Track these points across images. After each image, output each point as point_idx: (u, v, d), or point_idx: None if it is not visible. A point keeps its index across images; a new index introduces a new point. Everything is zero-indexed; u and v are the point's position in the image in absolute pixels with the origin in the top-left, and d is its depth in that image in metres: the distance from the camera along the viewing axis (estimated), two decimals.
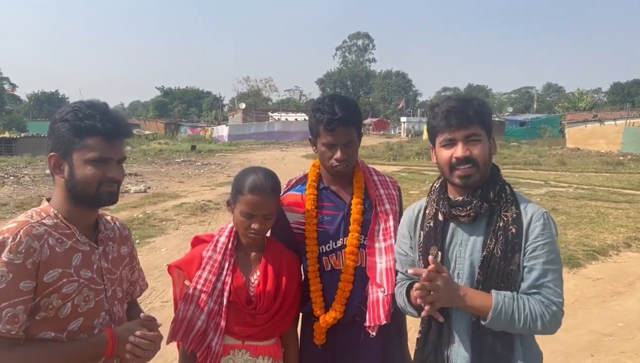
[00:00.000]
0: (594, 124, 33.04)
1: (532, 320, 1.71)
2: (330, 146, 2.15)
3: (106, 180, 1.65)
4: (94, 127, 1.62)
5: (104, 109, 1.67)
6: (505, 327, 1.73)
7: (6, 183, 15.53)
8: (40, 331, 1.57)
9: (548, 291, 1.74)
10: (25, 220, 1.60)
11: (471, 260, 1.83)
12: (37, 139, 30.02)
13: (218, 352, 2.02)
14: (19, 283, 1.50)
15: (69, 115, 1.63)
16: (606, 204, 11.99)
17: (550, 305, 1.73)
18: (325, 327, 2.18)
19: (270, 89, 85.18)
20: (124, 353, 1.67)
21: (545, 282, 1.74)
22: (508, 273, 1.77)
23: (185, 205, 11.37)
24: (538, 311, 1.72)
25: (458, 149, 1.79)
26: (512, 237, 1.77)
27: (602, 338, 4.93)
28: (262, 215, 2.03)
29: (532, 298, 1.74)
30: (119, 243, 1.87)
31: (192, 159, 24.76)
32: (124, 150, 1.74)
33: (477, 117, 1.80)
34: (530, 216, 1.80)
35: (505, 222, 1.79)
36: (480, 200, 1.81)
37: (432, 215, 1.94)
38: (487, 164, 1.84)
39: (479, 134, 1.81)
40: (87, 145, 1.62)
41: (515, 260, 1.77)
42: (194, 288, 2.06)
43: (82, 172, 1.62)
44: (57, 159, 1.65)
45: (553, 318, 1.73)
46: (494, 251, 1.77)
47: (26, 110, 73.71)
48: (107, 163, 1.66)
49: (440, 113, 1.83)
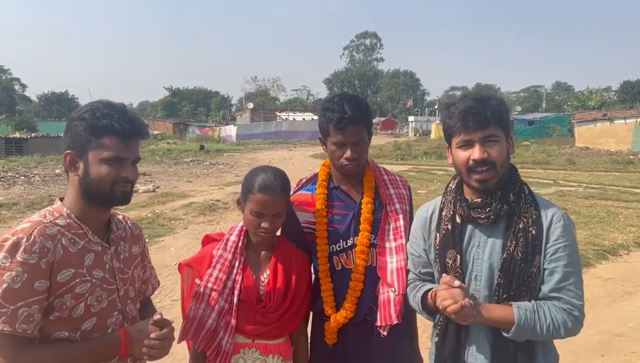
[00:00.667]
0: (603, 122, 32.77)
1: (555, 329, 1.71)
2: (340, 145, 2.15)
3: (120, 180, 1.66)
4: (111, 126, 1.63)
5: (121, 109, 1.69)
6: (528, 337, 1.73)
7: (17, 183, 15.67)
8: (54, 331, 1.59)
9: (570, 294, 1.73)
10: (38, 220, 1.60)
11: (490, 262, 1.80)
12: (47, 139, 30.28)
13: (228, 351, 2.03)
14: (33, 283, 1.51)
15: (87, 114, 1.64)
16: (616, 203, 11.91)
17: (572, 310, 1.72)
18: (336, 326, 2.18)
19: (278, 89, 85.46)
20: (137, 353, 1.68)
21: (567, 285, 1.73)
22: (529, 276, 1.74)
23: (193, 205, 11.42)
24: (560, 319, 1.71)
25: (475, 151, 1.75)
26: (533, 238, 1.75)
27: (612, 339, 4.90)
28: (272, 214, 2.03)
29: (552, 306, 1.72)
30: (130, 242, 1.88)
31: (201, 159, 24.86)
32: (139, 150, 1.75)
33: (495, 118, 1.75)
34: (550, 218, 1.77)
35: (525, 223, 1.76)
36: (500, 203, 1.78)
37: (449, 218, 1.90)
38: (505, 165, 1.80)
39: (497, 134, 1.76)
40: (103, 145, 1.63)
41: (536, 262, 1.74)
42: (204, 286, 2.07)
43: (96, 171, 1.64)
44: (72, 156, 1.66)
45: (576, 323, 1.73)
46: (514, 253, 1.75)
47: (36, 110, 74.26)
48: (122, 163, 1.67)
49: (456, 113, 1.78)
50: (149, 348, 1.64)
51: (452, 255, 1.84)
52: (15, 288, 1.48)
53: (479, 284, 1.82)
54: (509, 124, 1.85)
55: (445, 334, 1.90)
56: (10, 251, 1.50)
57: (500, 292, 1.76)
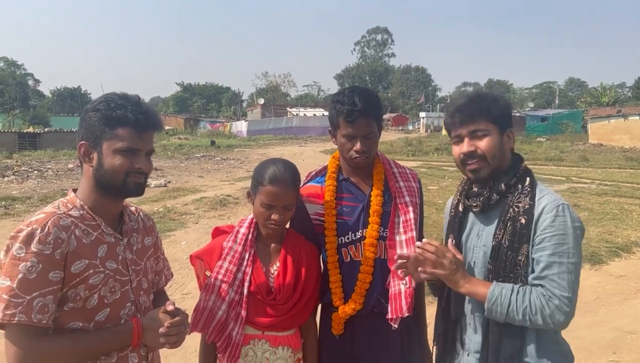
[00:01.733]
0: (617, 119, 32.39)
1: (532, 314, 1.70)
2: (350, 138, 2.14)
3: (133, 171, 1.67)
4: (125, 117, 1.63)
5: (135, 100, 1.69)
6: (507, 319, 1.74)
7: (30, 177, 15.85)
8: (68, 321, 1.60)
9: (551, 284, 1.71)
10: (52, 211, 1.61)
11: (484, 250, 1.87)
12: (60, 133, 30.52)
13: (238, 342, 2.04)
14: (48, 274, 1.52)
15: (101, 105, 1.65)
16: (630, 201, 11.77)
17: (552, 298, 1.69)
18: (344, 317, 2.18)
19: (289, 85, 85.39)
20: (150, 341, 1.70)
21: (549, 274, 1.72)
22: (516, 264, 1.78)
23: (204, 200, 11.49)
24: (537, 304, 1.70)
25: (464, 145, 1.87)
26: (521, 227, 1.77)
27: (624, 336, 4.86)
28: (282, 206, 2.04)
29: (534, 290, 1.72)
30: (143, 234, 1.89)
31: (212, 154, 24.97)
32: (153, 143, 1.76)
33: (483, 113, 1.84)
34: (542, 207, 1.78)
35: (515, 212, 1.81)
36: (490, 192, 1.86)
37: (454, 205, 2.04)
38: (498, 157, 1.86)
39: (486, 128, 1.84)
40: (117, 135, 1.64)
41: (524, 251, 1.77)
42: (214, 278, 2.08)
43: (110, 162, 1.64)
44: (86, 147, 1.67)
45: (555, 312, 1.69)
46: (502, 241, 1.80)
47: (49, 105, 74.96)
48: (136, 154, 1.67)
49: (450, 111, 1.93)
50: (166, 337, 1.65)
51: (450, 240, 1.97)
52: (31, 278, 1.49)
53: (475, 270, 1.90)
54: (505, 118, 1.89)
55: (439, 313, 2.03)
56: (25, 242, 1.51)
57: (490, 278, 1.82)
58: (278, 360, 2.09)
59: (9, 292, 1.48)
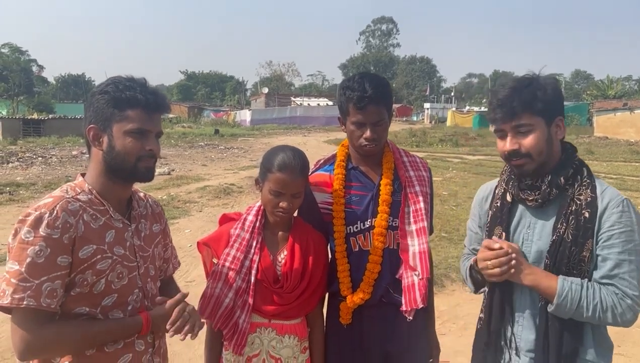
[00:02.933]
0: (623, 112, 32.17)
1: (602, 311, 1.65)
2: (360, 125, 2.11)
3: (145, 154, 1.66)
4: (135, 98, 1.62)
5: (142, 82, 1.69)
6: (573, 315, 1.67)
7: (35, 164, 15.88)
8: (75, 306, 1.59)
9: (623, 283, 1.66)
10: (60, 195, 1.59)
11: (539, 244, 1.79)
12: (64, 120, 30.53)
13: (245, 330, 2.02)
14: (56, 258, 1.50)
15: (109, 88, 1.63)
16: (635, 194, 11.69)
17: (624, 297, 1.65)
18: (352, 307, 2.16)
19: (293, 74, 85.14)
20: (158, 332, 1.72)
21: (620, 273, 1.66)
22: (580, 260, 1.70)
23: (208, 188, 11.48)
24: (609, 302, 1.65)
25: (507, 142, 1.78)
26: (585, 221, 1.70)
27: (629, 329, 4.79)
28: (291, 193, 2.01)
29: (604, 288, 1.67)
30: (151, 220, 1.88)
31: (215, 143, 24.95)
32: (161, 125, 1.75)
33: (526, 106, 1.73)
34: (607, 202, 1.72)
35: (578, 205, 1.73)
36: (550, 187, 1.77)
37: (500, 195, 1.93)
38: (546, 152, 1.76)
39: (530, 123, 1.74)
40: (127, 117, 1.62)
41: (588, 246, 1.70)
42: (222, 265, 2.06)
43: (121, 144, 1.63)
44: (96, 131, 1.65)
45: (627, 311, 1.65)
46: (565, 236, 1.72)
47: (53, 92, 74.89)
48: (146, 135, 1.66)
49: (490, 104, 1.82)
50: (176, 331, 1.65)
51: (498, 231, 1.86)
52: (39, 262, 1.48)
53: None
54: (553, 108, 1.77)
55: (490, 311, 1.90)
56: (33, 226, 1.49)
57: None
58: (284, 348, 2.08)
59: (18, 276, 1.46)
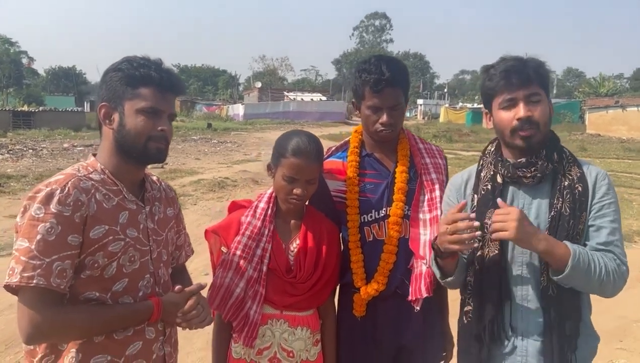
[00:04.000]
0: (615, 110, 32.34)
1: (607, 274, 1.64)
2: (376, 109, 2.03)
3: (156, 134, 1.59)
4: (149, 76, 1.57)
5: (158, 62, 1.63)
6: (580, 280, 1.64)
7: (25, 156, 15.66)
8: (85, 290, 1.51)
9: (617, 250, 1.69)
10: (72, 173, 1.53)
11: (537, 223, 1.74)
12: (55, 113, 30.23)
13: (257, 321, 1.94)
14: (67, 237, 1.43)
15: (123, 65, 1.58)
16: (629, 190, 11.75)
17: (620, 264, 1.68)
18: (366, 298, 2.08)
19: (286, 69, 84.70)
20: (171, 322, 1.65)
21: (614, 240, 1.70)
22: (577, 233, 1.71)
23: (202, 182, 11.39)
24: (611, 266, 1.66)
25: (520, 109, 1.71)
26: (580, 195, 1.72)
27: (630, 324, 4.83)
28: (305, 179, 1.93)
29: (605, 254, 1.68)
30: (165, 204, 1.81)
31: (208, 137, 24.78)
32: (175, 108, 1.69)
33: (537, 76, 1.74)
34: (595, 175, 1.77)
35: (570, 180, 1.75)
36: (546, 161, 1.76)
37: (489, 178, 1.85)
38: (548, 126, 1.78)
39: (540, 93, 1.74)
40: (140, 95, 1.56)
41: (583, 218, 1.71)
42: (232, 254, 1.97)
43: (132, 122, 1.56)
44: (107, 108, 1.59)
45: (621, 278, 1.68)
46: (562, 210, 1.71)
47: (44, 84, 74.00)
48: (159, 115, 1.60)
49: (498, 73, 1.75)
50: (186, 321, 1.61)
51: (491, 214, 1.74)
52: (50, 240, 1.40)
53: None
54: (550, 86, 1.83)
55: (482, 298, 1.80)
56: (44, 202, 1.42)
57: None
58: (297, 341, 2.00)
59: (28, 254, 1.39)
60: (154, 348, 1.67)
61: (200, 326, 1.65)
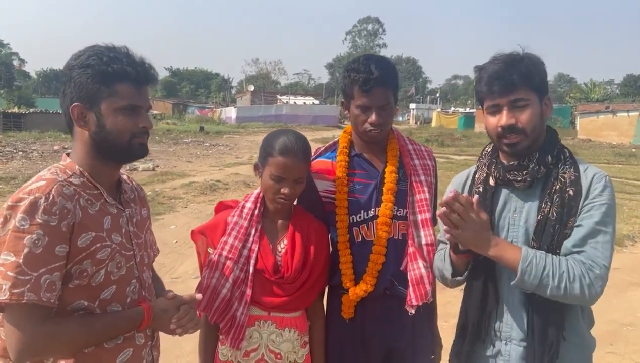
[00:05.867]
0: (606, 115, 32.60)
1: (569, 281, 1.54)
2: (365, 108, 2.01)
3: (138, 131, 1.53)
4: (124, 71, 1.47)
5: (126, 52, 1.52)
6: (538, 286, 1.57)
7: (15, 158, 15.51)
8: (73, 300, 1.44)
9: (594, 252, 1.57)
10: (53, 178, 1.43)
11: (526, 227, 1.71)
12: (46, 115, 29.94)
13: (243, 323, 1.91)
14: (55, 248, 1.35)
15: (92, 60, 1.46)
16: (620, 195, 11.80)
17: (593, 267, 1.55)
18: (355, 299, 2.06)
19: (279, 72, 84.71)
20: (160, 329, 1.62)
21: (593, 241, 1.58)
22: (563, 237, 1.63)
23: (194, 184, 11.31)
24: (577, 271, 1.55)
25: (503, 116, 1.68)
26: (570, 199, 1.65)
27: (621, 328, 4.83)
28: (293, 178, 1.91)
29: (571, 258, 1.59)
30: (139, 205, 1.75)
31: (200, 140, 24.68)
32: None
33: (524, 80, 1.67)
34: (590, 177, 1.67)
35: (562, 183, 1.67)
36: (538, 165, 1.70)
37: (482, 180, 1.83)
38: (538, 129, 1.71)
39: (527, 98, 1.68)
40: (117, 92, 1.47)
41: (571, 224, 1.63)
42: (219, 254, 1.94)
43: (113, 122, 1.48)
44: (81, 109, 1.48)
45: (595, 282, 1.55)
46: (549, 214, 1.65)
47: (34, 86, 73.63)
48: (137, 112, 1.52)
49: (484, 78, 1.72)
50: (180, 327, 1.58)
51: (476, 197, 1.73)
52: (37, 253, 1.32)
53: None
54: (544, 84, 1.74)
55: (470, 300, 1.80)
56: (29, 212, 1.33)
57: None
58: (284, 342, 1.97)
59: (15, 269, 1.30)
60: (144, 354, 1.62)
61: (194, 330, 1.61)
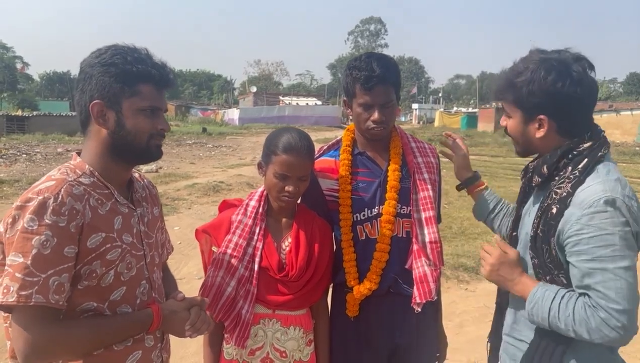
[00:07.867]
0: (609, 114, 32.52)
1: (574, 324, 1.46)
2: (367, 107, 2.01)
3: (156, 133, 1.54)
4: (148, 73, 1.48)
5: (147, 53, 1.54)
6: (551, 326, 1.52)
7: (19, 161, 15.58)
8: (82, 301, 1.43)
9: (596, 294, 1.44)
10: (62, 178, 1.42)
11: (527, 232, 1.69)
12: (49, 117, 30.11)
13: (248, 321, 1.91)
14: (63, 249, 1.34)
15: (117, 59, 1.46)
16: None
17: (597, 310, 1.43)
18: (359, 298, 2.06)
19: (282, 73, 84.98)
20: (170, 331, 1.63)
21: (591, 283, 1.45)
22: (552, 260, 1.56)
23: (197, 186, 11.34)
24: (582, 315, 1.45)
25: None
26: (550, 218, 1.54)
27: None
28: (297, 176, 1.91)
29: (580, 299, 1.48)
30: (151, 204, 1.74)
31: (203, 141, 24.74)
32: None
33: (499, 95, 1.74)
34: (580, 200, 1.49)
35: (552, 199, 1.57)
36: (533, 173, 1.70)
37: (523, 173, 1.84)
38: (520, 142, 1.73)
39: (508, 110, 1.73)
40: (140, 93, 1.48)
41: (552, 244, 1.54)
42: (223, 253, 1.95)
43: (133, 123, 1.49)
44: (101, 107, 1.47)
45: (602, 326, 1.42)
46: (538, 231, 1.58)
47: (38, 89, 73.92)
48: (157, 114, 1.54)
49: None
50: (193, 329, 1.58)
51: (498, 236, 1.87)
52: (45, 254, 1.31)
53: (519, 246, 1.75)
54: (534, 105, 1.63)
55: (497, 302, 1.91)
56: (37, 212, 1.32)
57: (537, 271, 1.62)
58: (289, 340, 1.97)
59: (23, 270, 1.29)
60: (153, 356, 1.61)
61: (208, 332, 1.63)
